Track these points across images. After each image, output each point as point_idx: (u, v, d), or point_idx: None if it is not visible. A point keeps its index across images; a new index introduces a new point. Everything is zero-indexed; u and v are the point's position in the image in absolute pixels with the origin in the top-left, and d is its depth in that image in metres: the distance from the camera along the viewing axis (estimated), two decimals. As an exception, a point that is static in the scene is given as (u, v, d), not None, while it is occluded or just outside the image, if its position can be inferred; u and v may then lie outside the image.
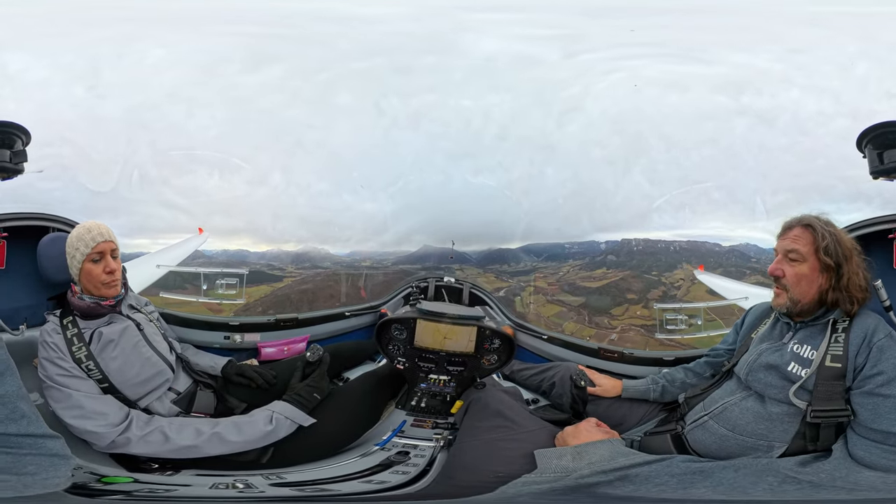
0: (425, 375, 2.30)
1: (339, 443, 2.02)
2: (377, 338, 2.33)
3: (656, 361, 2.47)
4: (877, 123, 2.14)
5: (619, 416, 1.98)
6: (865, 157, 2.18)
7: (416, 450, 1.95)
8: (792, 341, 1.66)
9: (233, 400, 2.08)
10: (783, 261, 1.70)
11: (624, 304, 3.20)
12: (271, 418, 1.86)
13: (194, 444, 1.76)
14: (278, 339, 2.65)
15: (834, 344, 1.56)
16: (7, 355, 1.42)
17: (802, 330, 1.67)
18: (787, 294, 1.67)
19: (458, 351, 2.27)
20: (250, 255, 3.08)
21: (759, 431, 1.60)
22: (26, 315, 2.06)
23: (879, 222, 2.14)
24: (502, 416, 1.86)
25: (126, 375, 1.84)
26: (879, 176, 2.16)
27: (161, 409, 1.90)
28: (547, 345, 2.70)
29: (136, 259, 2.68)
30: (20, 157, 2.11)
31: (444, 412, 2.20)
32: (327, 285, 3.22)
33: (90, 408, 1.74)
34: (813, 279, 1.65)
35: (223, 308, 2.80)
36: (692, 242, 3.15)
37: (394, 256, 3.22)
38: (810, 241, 1.66)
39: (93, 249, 1.85)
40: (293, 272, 3.18)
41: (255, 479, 1.70)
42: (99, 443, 1.72)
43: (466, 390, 2.21)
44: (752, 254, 3.05)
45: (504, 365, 2.30)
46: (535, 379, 2.39)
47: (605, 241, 3.31)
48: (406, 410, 2.23)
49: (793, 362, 1.59)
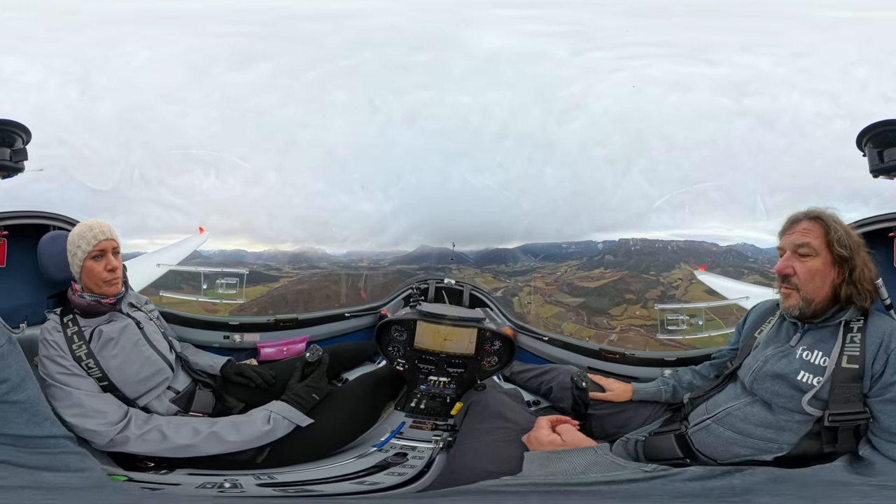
0: (425, 377, 2.29)
1: (336, 443, 2.01)
2: (377, 339, 2.32)
3: (658, 362, 2.45)
4: (877, 122, 2.11)
5: (623, 417, 1.95)
6: (865, 155, 2.15)
7: (414, 451, 1.95)
8: (800, 346, 1.58)
9: (231, 399, 2.07)
10: (792, 257, 1.60)
11: (623, 304, 3.19)
12: (269, 418, 1.86)
13: (192, 444, 1.76)
14: (278, 340, 2.65)
15: (850, 344, 1.49)
16: (25, 362, 1.46)
17: (811, 332, 1.59)
18: (799, 293, 1.58)
19: (459, 353, 2.26)
20: (247, 255, 3.09)
21: (767, 436, 1.56)
22: (27, 313, 2.06)
23: (880, 221, 2.10)
24: (503, 418, 1.85)
25: (126, 374, 1.84)
26: (880, 174, 2.12)
27: (159, 408, 1.90)
28: (548, 346, 2.69)
29: (136, 258, 2.68)
30: (20, 155, 2.11)
31: (443, 414, 2.19)
32: (323, 286, 3.21)
33: (90, 406, 1.73)
34: (826, 274, 1.56)
35: (218, 308, 2.80)
36: (690, 242, 3.15)
37: (391, 256, 3.22)
38: (821, 233, 1.58)
39: (94, 247, 1.85)
40: (290, 272, 3.17)
41: (245, 479, 1.69)
42: (98, 441, 1.72)
43: (466, 392, 2.20)
44: (750, 253, 3.05)
45: (505, 367, 2.29)
46: (535, 381, 2.38)
47: (603, 241, 3.32)
48: (405, 412, 2.22)
49: (802, 371, 1.52)
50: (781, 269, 1.61)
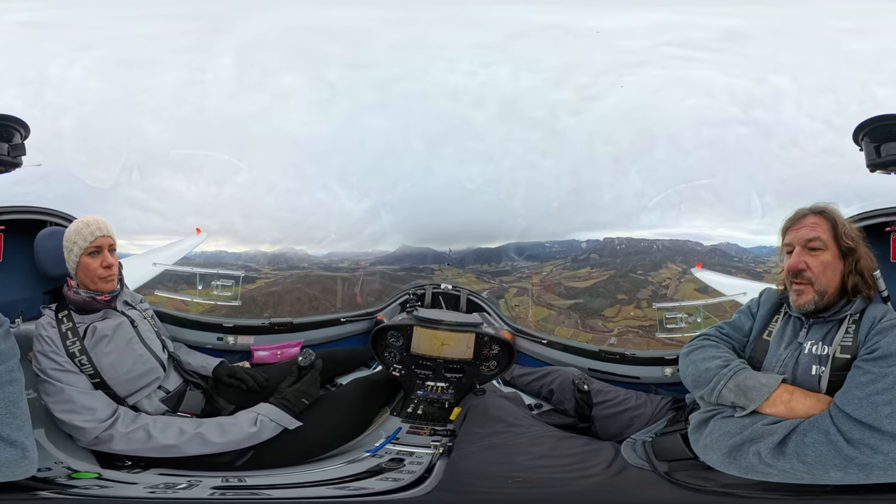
0: (422, 382, 2.28)
1: (325, 447, 1.98)
2: (373, 344, 2.31)
3: (658, 361, 2.46)
4: (874, 116, 2.08)
5: (626, 417, 1.95)
6: (862, 150, 2.12)
7: (411, 457, 1.92)
8: (808, 341, 1.58)
9: (221, 401, 2.06)
10: (803, 252, 1.59)
11: (615, 304, 3.16)
12: (256, 420, 1.85)
13: (175, 444, 1.75)
14: (272, 343, 2.62)
15: (845, 335, 1.52)
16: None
17: (816, 326, 1.60)
18: (813, 287, 1.57)
19: (457, 358, 2.26)
20: (227, 256, 3.01)
21: None
22: (22, 308, 2.05)
23: (876, 215, 2.07)
24: (503, 422, 1.85)
25: (118, 371, 1.83)
26: (876, 169, 2.09)
27: (149, 408, 1.89)
28: (546, 349, 2.69)
29: (130, 257, 2.64)
30: (18, 150, 2.10)
31: (442, 419, 2.18)
32: (295, 287, 3.14)
33: (80, 402, 1.73)
34: (836, 266, 1.57)
35: (189, 307, 2.74)
36: (675, 241, 3.13)
37: (371, 257, 3.15)
38: (828, 227, 1.59)
39: (91, 243, 1.86)
40: (269, 273, 3.11)
41: (210, 481, 1.68)
42: (83, 438, 1.72)
43: (465, 397, 2.20)
44: (734, 252, 3.06)
45: (504, 371, 2.30)
46: (536, 384, 2.38)
47: (587, 240, 3.25)
48: (402, 417, 2.20)
49: (812, 365, 1.53)
50: (795, 264, 1.59)
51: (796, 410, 1.45)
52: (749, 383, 1.51)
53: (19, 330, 1.72)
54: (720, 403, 1.55)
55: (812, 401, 1.47)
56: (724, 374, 1.57)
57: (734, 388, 1.52)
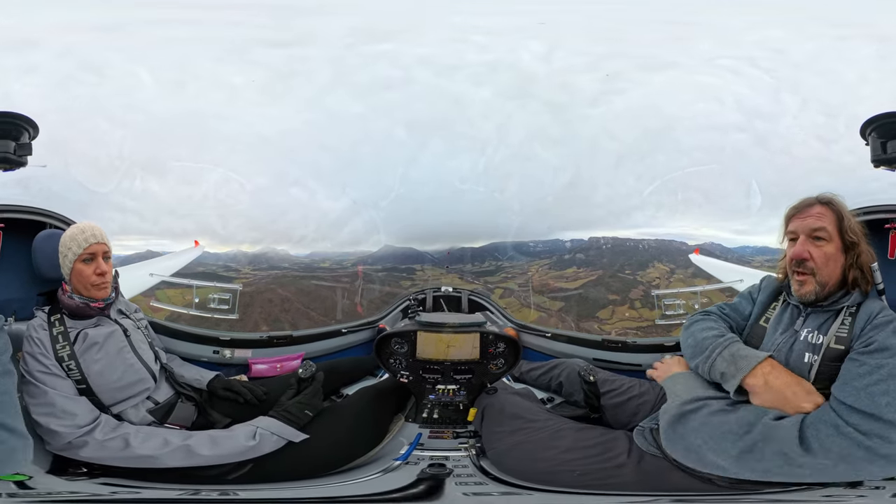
0: (432, 387, 2.23)
1: (337, 459, 1.88)
2: (377, 353, 2.27)
3: (658, 348, 2.47)
4: (883, 112, 2.10)
5: (633, 405, 1.93)
6: (868, 144, 2.14)
7: (449, 460, 1.86)
8: (804, 328, 1.60)
9: (215, 414, 2.01)
10: (807, 242, 1.58)
11: (608, 305, 3.13)
12: (255, 434, 1.76)
13: (153, 455, 1.68)
14: (271, 357, 2.54)
15: (841, 327, 1.53)
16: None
17: (813, 315, 1.61)
18: (815, 278, 1.57)
19: (464, 359, 2.23)
20: (208, 256, 2.93)
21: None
22: (15, 307, 2.03)
23: (876, 211, 2.08)
24: (521, 418, 1.84)
25: (106, 379, 1.80)
26: (881, 164, 2.12)
27: (134, 417, 1.85)
28: (551, 342, 2.67)
29: (126, 267, 2.56)
30: (25, 149, 2.10)
31: (460, 421, 2.13)
32: (269, 288, 3.06)
33: (60, 407, 1.70)
34: (838, 258, 1.58)
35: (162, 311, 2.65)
36: (660, 241, 3.12)
37: (354, 257, 3.10)
38: (834, 219, 1.59)
39: (84, 250, 1.86)
40: (248, 274, 3.03)
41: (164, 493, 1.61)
42: (54, 442, 1.67)
43: (478, 397, 2.16)
44: (718, 252, 3.07)
45: (512, 367, 2.26)
46: (545, 377, 2.36)
47: (570, 240, 3.21)
48: (418, 423, 2.14)
49: (805, 352, 1.54)
50: (799, 253, 1.59)
51: (772, 384, 1.49)
52: (742, 353, 1.56)
53: (10, 329, 1.66)
54: (711, 377, 1.60)
55: (789, 379, 1.50)
56: (720, 342, 1.62)
57: (728, 357, 1.56)
